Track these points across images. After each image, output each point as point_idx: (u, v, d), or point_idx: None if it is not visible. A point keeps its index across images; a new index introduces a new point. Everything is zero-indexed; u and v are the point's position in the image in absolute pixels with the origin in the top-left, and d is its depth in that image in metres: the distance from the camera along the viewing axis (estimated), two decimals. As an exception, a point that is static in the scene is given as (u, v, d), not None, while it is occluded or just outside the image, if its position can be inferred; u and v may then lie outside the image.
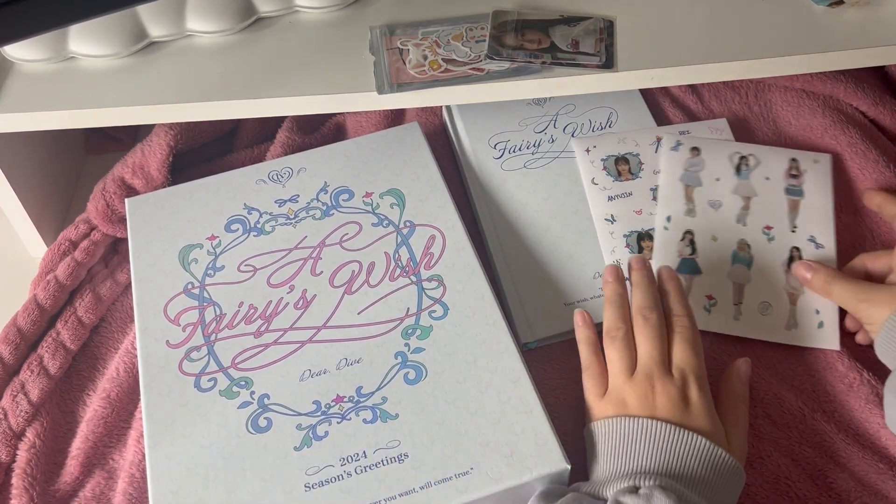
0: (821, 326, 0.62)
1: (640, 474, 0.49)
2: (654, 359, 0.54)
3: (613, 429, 0.52)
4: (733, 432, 0.53)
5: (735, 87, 0.78)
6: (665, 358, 0.54)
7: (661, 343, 0.55)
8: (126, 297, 0.68)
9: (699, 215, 0.67)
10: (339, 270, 0.62)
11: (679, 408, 0.52)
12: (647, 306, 0.56)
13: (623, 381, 0.54)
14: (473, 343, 0.58)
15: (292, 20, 0.68)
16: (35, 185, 0.70)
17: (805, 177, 0.69)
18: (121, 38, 0.64)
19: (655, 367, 0.53)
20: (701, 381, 0.53)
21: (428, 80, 0.63)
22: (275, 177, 0.68)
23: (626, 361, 0.54)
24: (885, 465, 0.56)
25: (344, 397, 0.55)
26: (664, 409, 0.52)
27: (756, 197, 0.68)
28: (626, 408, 0.53)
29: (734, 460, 0.51)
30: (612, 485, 0.49)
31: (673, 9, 0.67)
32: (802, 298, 0.63)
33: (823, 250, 0.65)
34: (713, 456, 0.50)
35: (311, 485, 0.52)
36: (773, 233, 0.66)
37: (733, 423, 0.54)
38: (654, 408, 0.52)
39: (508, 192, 0.70)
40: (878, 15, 0.66)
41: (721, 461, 0.50)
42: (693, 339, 0.55)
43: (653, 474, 0.48)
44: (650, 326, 0.55)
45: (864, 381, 0.59)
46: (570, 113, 0.75)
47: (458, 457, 0.52)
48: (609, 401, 0.54)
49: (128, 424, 0.61)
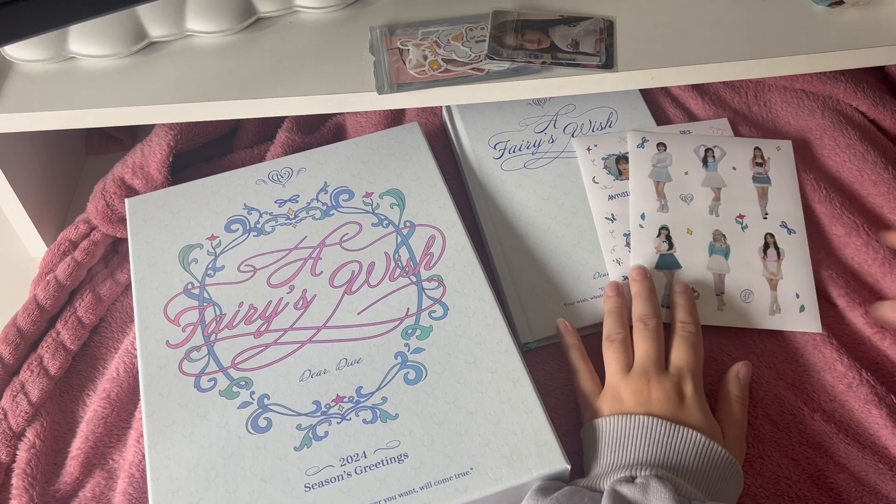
0: (802, 311, 0.63)
1: (636, 465, 0.49)
2: (650, 357, 0.55)
3: (610, 426, 0.52)
4: (730, 433, 0.54)
5: (735, 87, 0.78)
6: (661, 357, 0.56)
7: (658, 344, 0.56)
8: (126, 297, 0.68)
9: (672, 210, 0.67)
10: (339, 270, 0.62)
11: (674, 403, 0.53)
12: (648, 314, 0.58)
13: (619, 378, 0.55)
14: (473, 343, 0.58)
15: (292, 20, 0.68)
16: (35, 185, 0.70)
17: (770, 164, 0.70)
18: (121, 38, 0.64)
19: (651, 365, 0.55)
20: (696, 378, 0.55)
21: (428, 80, 0.63)
22: (275, 177, 0.68)
23: (622, 361, 0.56)
24: (884, 465, 0.56)
25: (344, 397, 0.55)
26: (659, 405, 0.53)
27: (725, 187, 0.69)
28: (622, 404, 0.54)
29: (729, 455, 0.51)
30: (608, 476, 0.50)
31: (673, 9, 0.67)
32: (782, 283, 0.64)
33: (796, 235, 0.66)
34: (709, 450, 0.51)
35: (311, 485, 0.52)
36: (745, 221, 0.67)
37: (730, 424, 0.55)
38: (650, 403, 0.53)
39: (508, 192, 0.70)
40: (878, 15, 0.66)
41: (716, 455, 0.51)
42: (695, 342, 0.57)
43: (649, 465, 0.49)
44: (649, 331, 0.57)
45: (863, 381, 0.59)
46: (570, 113, 0.75)
47: (458, 457, 0.52)
48: (605, 399, 0.55)
49: (128, 424, 0.61)
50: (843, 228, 0.67)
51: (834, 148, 0.72)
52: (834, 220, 0.68)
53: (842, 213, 0.68)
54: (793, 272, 0.65)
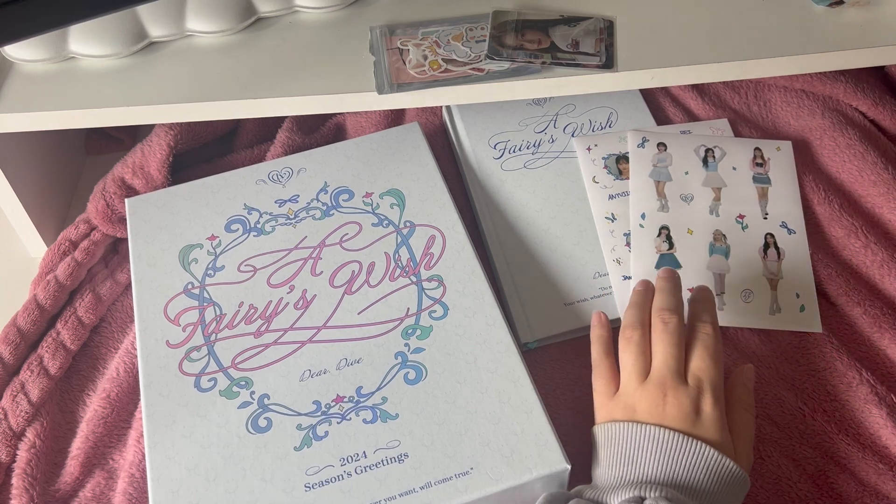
0: (802, 311, 0.63)
1: (644, 484, 0.48)
2: (668, 366, 0.52)
3: (620, 433, 0.51)
4: (740, 442, 0.52)
5: (735, 87, 0.78)
6: (680, 366, 0.52)
7: (677, 350, 0.52)
8: (126, 297, 0.68)
9: (672, 210, 0.67)
10: (339, 270, 0.62)
11: (690, 418, 0.50)
12: (668, 309, 0.54)
13: (634, 386, 0.52)
14: (473, 343, 0.58)
15: (292, 20, 0.68)
16: (35, 185, 0.70)
17: (770, 164, 0.70)
18: (121, 38, 0.64)
19: (669, 375, 0.51)
20: (717, 392, 0.51)
21: (428, 80, 0.63)
22: (275, 177, 0.68)
23: (639, 366, 0.53)
24: (885, 465, 0.56)
25: (344, 397, 0.55)
26: (673, 419, 0.50)
27: (725, 187, 0.69)
28: (635, 413, 0.51)
29: (742, 471, 0.50)
30: (616, 493, 0.48)
31: (673, 9, 0.67)
32: (782, 283, 0.64)
33: (796, 235, 0.66)
34: (721, 467, 0.49)
35: (311, 485, 0.52)
36: (746, 221, 0.67)
37: (739, 434, 0.52)
38: (664, 417, 0.50)
39: (508, 192, 0.70)
40: (878, 15, 0.66)
41: (728, 472, 0.49)
42: (714, 348, 0.53)
43: (658, 484, 0.47)
44: (668, 332, 0.53)
45: (863, 381, 0.59)
46: (570, 113, 0.75)
47: (458, 457, 0.52)
48: (618, 404, 0.53)
49: (128, 424, 0.61)
50: (842, 230, 0.67)
51: (834, 148, 0.72)
52: (833, 221, 0.68)
53: (840, 214, 0.68)
54: (793, 272, 0.65)
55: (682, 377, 0.52)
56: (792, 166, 0.71)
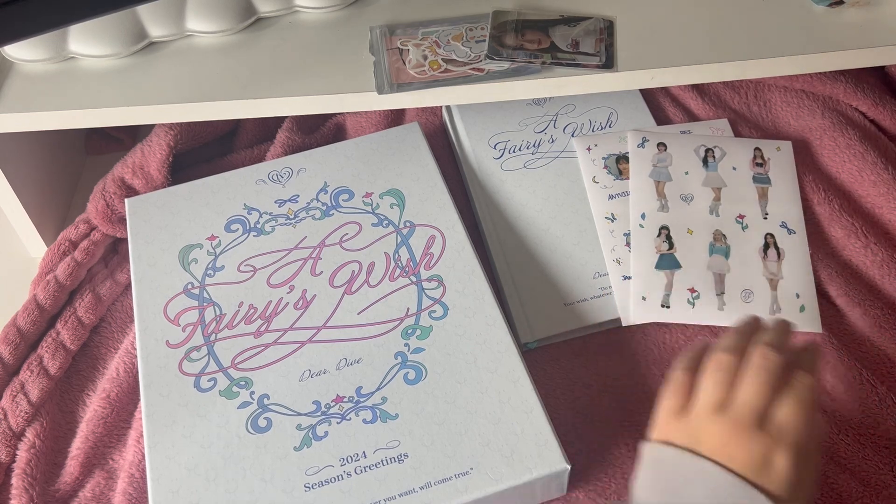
0: (802, 311, 0.63)
1: None
2: (752, 405, 0.45)
3: (674, 461, 0.46)
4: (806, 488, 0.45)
5: (735, 87, 0.78)
6: (764, 410, 0.45)
7: (768, 391, 0.45)
8: (126, 297, 0.68)
9: (672, 210, 0.67)
10: (339, 270, 0.62)
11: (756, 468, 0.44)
12: (774, 346, 0.47)
13: (707, 416, 0.46)
14: (473, 343, 0.58)
15: (292, 20, 0.68)
16: (35, 185, 0.70)
17: (770, 164, 0.70)
18: (121, 38, 0.64)
19: (748, 418, 0.45)
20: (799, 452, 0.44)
21: (428, 80, 0.63)
22: (275, 177, 0.68)
23: (718, 396, 0.46)
24: (885, 465, 0.56)
25: (344, 397, 0.55)
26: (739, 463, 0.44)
27: (725, 187, 0.69)
28: (699, 444, 0.45)
29: None
30: None
31: (673, 9, 0.67)
32: (782, 283, 0.64)
33: (796, 235, 0.66)
34: None
35: (310, 485, 0.52)
36: (745, 221, 0.67)
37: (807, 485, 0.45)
38: (729, 457, 0.44)
39: (508, 192, 0.70)
40: (878, 15, 0.66)
41: None
42: (810, 402, 0.45)
43: None
44: (765, 370, 0.46)
45: (863, 381, 0.59)
46: (570, 113, 0.75)
47: (458, 457, 0.52)
48: (682, 427, 0.47)
49: (128, 424, 0.61)
50: (842, 230, 0.67)
51: (834, 148, 0.72)
52: (833, 222, 0.68)
53: (840, 215, 0.68)
54: (793, 272, 0.65)
55: (762, 422, 0.45)
56: (792, 166, 0.71)
